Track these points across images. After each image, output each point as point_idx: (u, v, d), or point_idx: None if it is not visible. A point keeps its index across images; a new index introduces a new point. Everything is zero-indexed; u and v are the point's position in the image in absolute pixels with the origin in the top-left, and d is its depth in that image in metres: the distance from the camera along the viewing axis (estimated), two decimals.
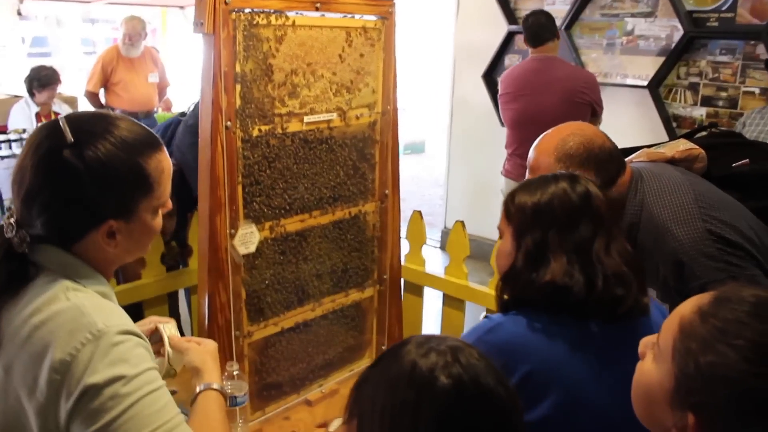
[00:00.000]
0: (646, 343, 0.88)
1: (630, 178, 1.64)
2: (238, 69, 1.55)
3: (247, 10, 1.53)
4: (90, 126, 1.03)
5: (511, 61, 4.84)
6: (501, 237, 1.32)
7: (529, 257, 1.21)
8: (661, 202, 1.59)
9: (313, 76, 1.72)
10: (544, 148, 1.64)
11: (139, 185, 1.05)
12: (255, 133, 1.61)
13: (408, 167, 9.25)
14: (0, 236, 1.02)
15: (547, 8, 4.61)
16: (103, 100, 5.12)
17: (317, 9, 1.67)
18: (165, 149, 1.10)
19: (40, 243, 1.02)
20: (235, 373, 1.61)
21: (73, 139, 0.99)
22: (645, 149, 1.86)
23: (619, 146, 1.70)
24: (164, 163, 1.09)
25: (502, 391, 0.86)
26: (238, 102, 1.56)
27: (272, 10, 1.57)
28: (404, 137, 9.94)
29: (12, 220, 1.02)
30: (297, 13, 1.64)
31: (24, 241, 1.00)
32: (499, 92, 3.88)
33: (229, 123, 1.55)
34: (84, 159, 0.99)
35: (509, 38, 4.79)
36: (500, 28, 4.80)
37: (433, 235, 5.28)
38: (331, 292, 1.92)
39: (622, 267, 1.19)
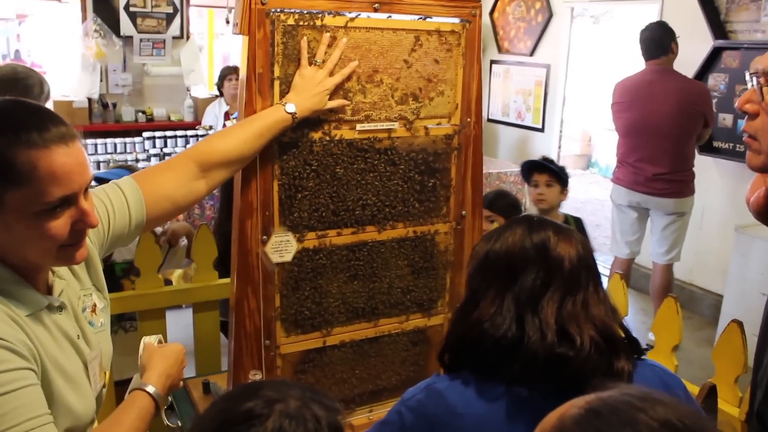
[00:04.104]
0: None
1: None
2: (277, 71, 1.50)
3: (288, 11, 1.47)
4: None
5: (716, 80, 4.25)
6: None
7: (468, 302, 1.12)
8: None
9: (371, 81, 1.61)
10: None
11: (3, 175, 1.01)
12: (294, 137, 1.55)
13: None
14: None
15: (765, 19, 3.98)
16: None
17: (375, 10, 1.56)
18: (56, 149, 1.03)
19: None
20: None
21: None
22: None
23: None
24: (41, 161, 1.02)
25: None
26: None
27: (317, 11, 1.50)
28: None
29: None
30: (354, 15, 1.54)
31: None
32: (612, 101, 3.89)
33: None
34: None
35: (715, 54, 4.20)
36: (705, 43, 4.23)
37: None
38: (386, 314, 1.79)
39: (577, 325, 1.01)
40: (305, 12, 1.49)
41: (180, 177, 1.44)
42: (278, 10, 1.46)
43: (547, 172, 2.92)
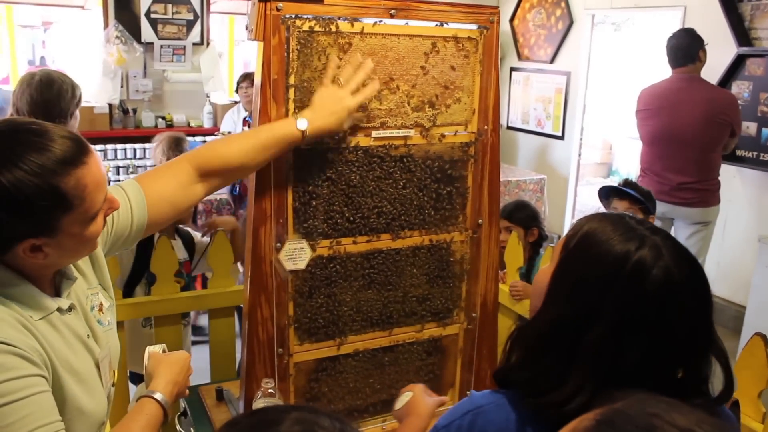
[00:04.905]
0: None
1: None
2: (292, 78, 1.49)
3: (303, 17, 1.46)
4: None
5: (739, 88, 4.18)
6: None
7: (542, 332, 0.95)
8: None
9: (387, 88, 1.59)
10: None
11: (58, 205, 1.03)
12: (309, 144, 1.54)
13: None
14: None
15: None
16: None
17: (392, 17, 1.55)
18: (89, 161, 1.07)
19: None
20: (269, 390, 1.55)
21: None
22: None
23: None
24: (87, 178, 1.05)
25: None
26: (291, 112, 1.50)
27: (333, 17, 1.49)
28: None
29: None
30: (370, 21, 1.53)
31: None
32: (637, 108, 3.84)
33: None
34: None
35: (739, 62, 4.14)
36: (729, 50, 4.17)
37: None
38: (401, 323, 1.77)
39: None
40: (321, 18, 1.48)
41: (180, 180, 1.43)
42: (293, 16, 1.45)
43: (628, 199, 2.65)
